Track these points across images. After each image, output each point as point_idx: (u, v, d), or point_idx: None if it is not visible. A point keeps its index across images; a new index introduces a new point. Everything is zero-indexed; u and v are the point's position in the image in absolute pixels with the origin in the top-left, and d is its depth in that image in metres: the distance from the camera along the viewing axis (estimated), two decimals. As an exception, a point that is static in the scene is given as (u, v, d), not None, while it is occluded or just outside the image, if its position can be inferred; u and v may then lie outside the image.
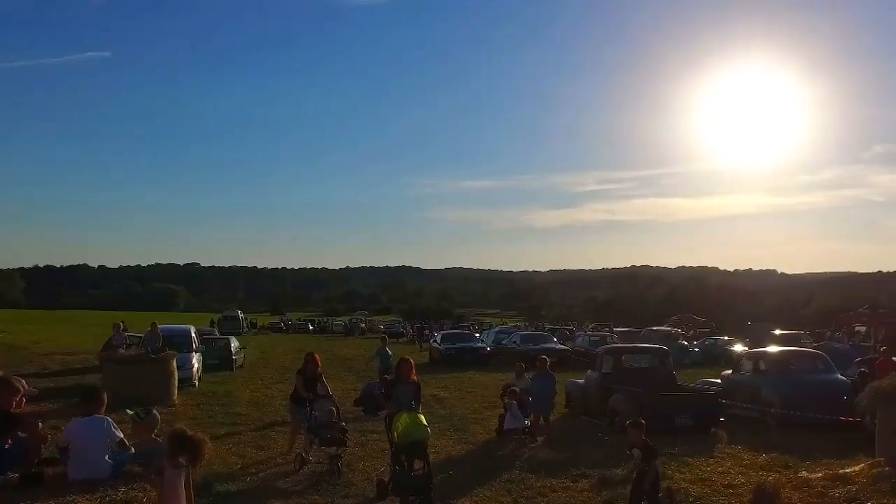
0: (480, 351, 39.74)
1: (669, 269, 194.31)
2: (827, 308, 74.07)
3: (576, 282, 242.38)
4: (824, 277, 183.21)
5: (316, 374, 13.73)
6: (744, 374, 20.11)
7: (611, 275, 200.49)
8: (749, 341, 37.81)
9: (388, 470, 11.31)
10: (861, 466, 11.32)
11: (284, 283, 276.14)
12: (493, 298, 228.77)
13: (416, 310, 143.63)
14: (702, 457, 13.80)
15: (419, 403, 11.91)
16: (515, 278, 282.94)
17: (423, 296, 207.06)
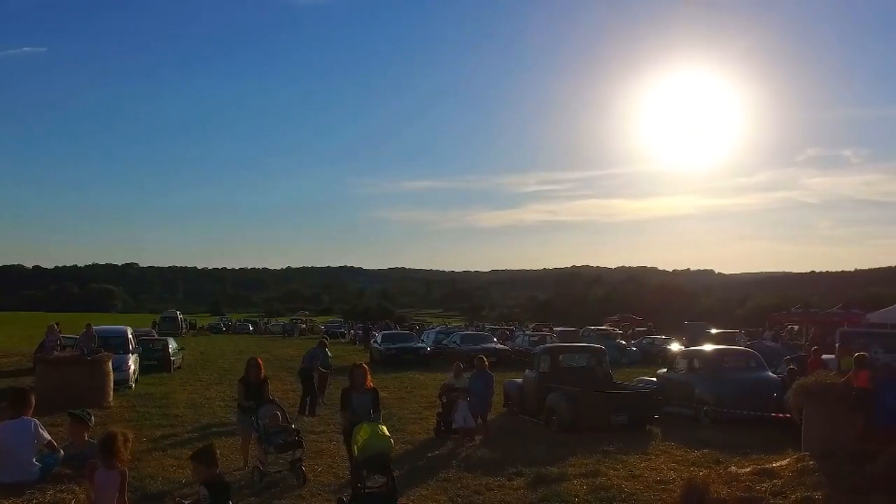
0: (421, 351, 39.76)
1: (610, 269, 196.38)
2: (762, 307, 75.40)
3: (517, 282, 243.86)
4: (759, 277, 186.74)
5: (260, 380, 12.92)
6: (679, 372, 20.43)
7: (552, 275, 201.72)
8: (685, 340, 38.37)
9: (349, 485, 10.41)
10: (788, 461, 11.64)
11: (225, 283, 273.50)
12: (436, 299, 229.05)
13: (358, 310, 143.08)
14: (636, 454, 13.99)
15: (379, 412, 10.80)
16: (457, 278, 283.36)
17: (365, 296, 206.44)
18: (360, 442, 9.51)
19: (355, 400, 10.81)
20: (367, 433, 9.51)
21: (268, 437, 11.78)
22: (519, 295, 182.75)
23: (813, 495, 9.68)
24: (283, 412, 12.40)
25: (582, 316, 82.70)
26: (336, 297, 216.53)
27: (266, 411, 12.12)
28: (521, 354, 35.63)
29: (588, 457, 13.54)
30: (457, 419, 15.63)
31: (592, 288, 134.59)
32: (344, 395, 11.06)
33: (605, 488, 11.16)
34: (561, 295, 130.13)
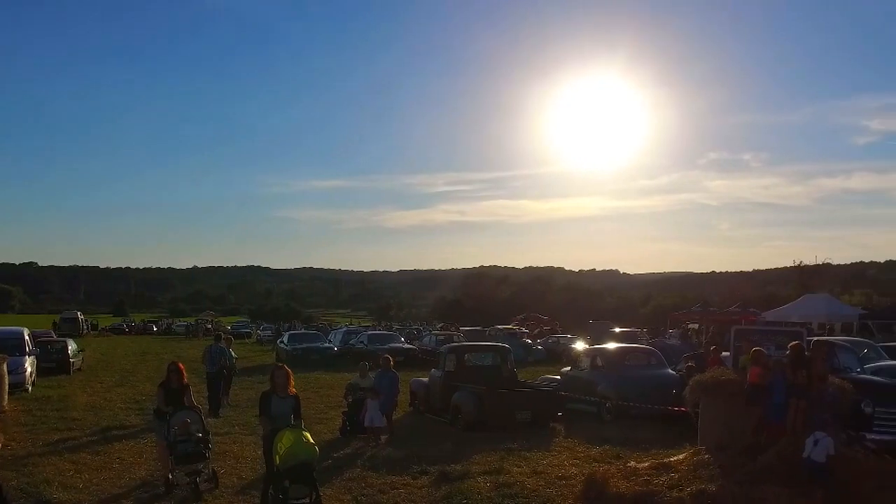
0: (328, 351, 39.56)
1: (517, 269, 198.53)
2: (664, 307, 77.06)
3: (426, 282, 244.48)
4: (662, 277, 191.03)
5: (182, 386, 12.04)
6: (582, 370, 20.76)
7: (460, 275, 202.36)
8: (590, 339, 39.03)
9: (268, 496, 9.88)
10: (684, 455, 11.92)
11: (128, 283, 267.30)
12: (344, 299, 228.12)
13: (265, 311, 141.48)
14: (539, 450, 14.21)
15: (300, 419, 10.02)
16: (366, 279, 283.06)
17: (273, 296, 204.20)
18: (282, 451, 8.91)
19: (276, 405, 9.95)
20: (289, 441, 8.92)
21: (173, 445, 11.08)
22: (427, 295, 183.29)
23: (707, 487, 9.95)
24: (199, 420, 11.54)
25: (489, 315, 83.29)
26: (243, 297, 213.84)
27: (178, 418, 11.32)
28: (428, 353, 35.73)
29: (492, 454, 13.69)
30: (366, 418, 15.63)
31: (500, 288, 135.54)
32: (263, 399, 10.14)
33: (508, 485, 11.31)
34: (469, 295, 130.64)
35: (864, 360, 18.60)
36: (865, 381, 14.86)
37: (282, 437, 9.05)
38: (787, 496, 9.55)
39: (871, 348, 21.87)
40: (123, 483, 11.88)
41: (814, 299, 42.19)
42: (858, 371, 16.40)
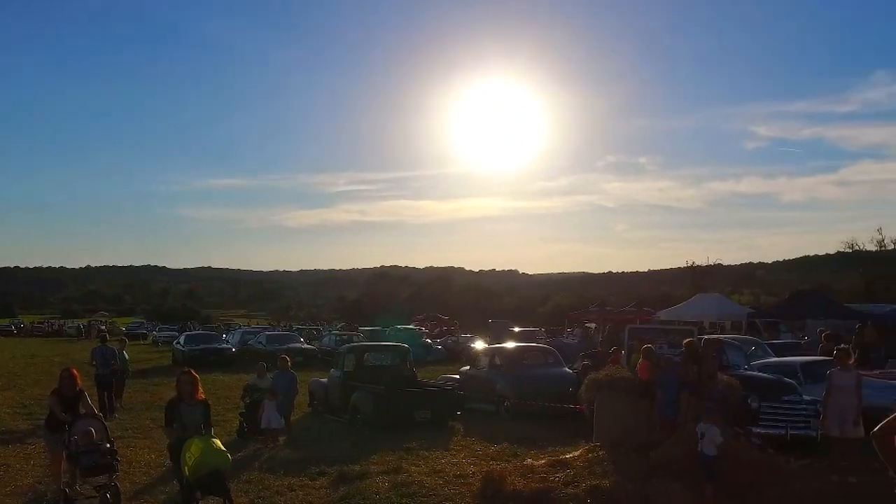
0: (226, 352, 38.93)
1: (418, 269, 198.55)
2: (562, 306, 78.16)
3: (327, 282, 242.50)
4: (560, 277, 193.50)
5: (76, 393, 11.17)
6: (481, 369, 20.92)
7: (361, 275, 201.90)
8: (489, 338, 39.35)
9: None
10: (580, 451, 12.16)
11: (17, 283, 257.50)
12: (243, 299, 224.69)
13: (162, 311, 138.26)
14: (438, 449, 14.25)
15: (210, 426, 9.49)
16: (266, 278, 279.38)
17: (170, 296, 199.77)
18: (191, 460, 8.49)
19: (184, 412, 9.40)
20: (198, 449, 8.51)
21: (76, 456, 10.01)
22: (328, 295, 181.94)
23: (601, 483, 10.18)
24: (104, 429, 10.57)
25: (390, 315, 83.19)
26: (139, 297, 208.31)
27: (79, 427, 10.26)
28: (328, 354, 35.49)
29: (391, 454, 13.68)
30: (263, 419, 15.43)
31: (401, 287, 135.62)
32: (170, 407, 9.60)
33: (407, 484, 11.32)
34: (370, 295, 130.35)
35: (751, 358, 19.29)
36: (752, 377, 15.41)
37: (190, 446, 8.62)
38: (678, 491, 9.84)
39: (758, 346, 22.68)
40: (9, 491, 11.48)
41: (705, 299, 43.39)
42: (746, 368, 16.98)
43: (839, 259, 74.51)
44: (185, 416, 9.37)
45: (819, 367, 15.47)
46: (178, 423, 9.33)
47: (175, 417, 9.42)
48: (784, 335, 34.20)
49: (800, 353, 22.46)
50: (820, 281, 74.04)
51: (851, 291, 58.09)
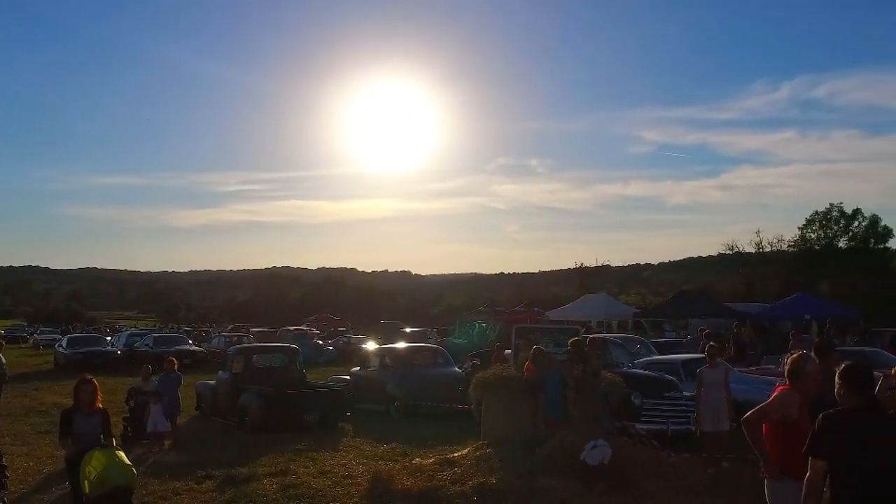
0: (111, 355, 37.86)
1: (310, 269, 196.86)
2: (453, 307, 78.79)
3: (217, 282, 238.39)
4: (452, 278, 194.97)
5: None
6: (371, 369, 20.93)
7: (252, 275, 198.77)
8: (380, 339, 39.34)
9: None
10: (468, 450, 12.30)
11: None
12: (131, 300, 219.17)
13: (44, 313, 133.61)
14: (327, 450, 14.22)
15: (111, 437, 8.68)
16: (154, 279, 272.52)
17: (53, 298, 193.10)
18: (92, 476, 7.67)
19: (80, 424, 8.75)
20: (100, 464, 7.70)
21: None
22: (218, 296, 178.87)
23: (488, 480, 10.33)
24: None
25: (281, 316, 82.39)
26: (20, 299, 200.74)
27: None
28: (217, 355, 34.93)
29: (279, 456, 13.58)
30: (149, 423, 15.11)
31: (292, 288, 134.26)
32: (65, 418, 8.94)
33: (295, 486, 11.26)
34: (260, 295, 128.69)
35: (635, 356, 19.82)
36: (635, 375, 15.83)
37: (90, 460, 7.78)
38: (562, 486, 10.05)
39: (642, 344, 23.32)
40: None
41: (593, 299, 44.33)
42: (629, 366, 17.43)
43: (721, 260, 76.96)
44: (81, 428, 8.75)
45: (699, 365, 15.95)
46: (74, 436, 8.72)
47: (70, 429, 8.80)
48: (668, 334, 35.27)
49: (682, 351, 23.14)
50: (703, 281, 76.35)
51: (732, 291, 60.21)
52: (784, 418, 6.01)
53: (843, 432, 4.87)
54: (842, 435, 4.86)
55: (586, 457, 10.51)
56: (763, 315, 36.53)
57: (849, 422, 4.92)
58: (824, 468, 4.92)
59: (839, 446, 4.85)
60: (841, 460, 4.83)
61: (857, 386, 5.05)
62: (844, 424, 4.91)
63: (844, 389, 5.08)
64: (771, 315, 36.39)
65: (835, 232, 61.82)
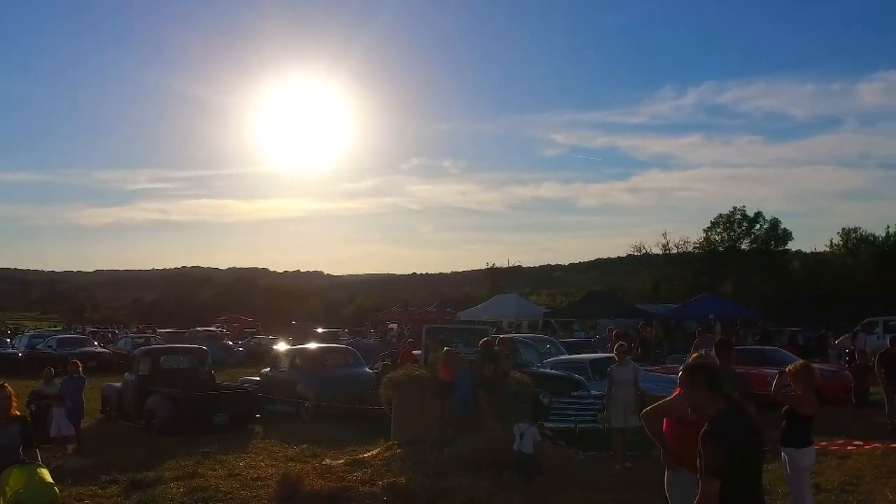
0: (11, 357, 36.74)
1: (220, 269, 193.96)
2: (366, 307, 78.74)
3: (124, 282, 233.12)
4: (365, 279, 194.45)
5: None
6: (282, 370, 20.79)
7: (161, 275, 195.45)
8: (292, 339, 39.13)
9: None
10: (378, 450, 12.35)
11: None
12: (34, 300, 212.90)
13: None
14: (236, 453, 14.07)
15: (33, 449, 7.69)
16: (58, 279, 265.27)
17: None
18: (10, 494, 6.91)
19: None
20: (19, 481, 6.94)
21: None
22: (125, 296, 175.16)
23: (398, 480, 10.40)
24: None
25: (191, 317, 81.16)
26: None
27: None
28: (124, 357, 34.22)
29: (187, 459, 13.39)
30: (52, 427, 14.74)
31: (202, 289, 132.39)
32: None
33: (203, 489, 11.14)
34: (169, 296, 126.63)
35: (544, 356, 20.11)
36: (544, 374, 16.09)
37: (9, 479, 6.99)
38: (471, 483, 10.18)
39: (552, 344, 23.65)
40: None
41: (504, 299, 44.81)
42: (538, 365, 17.69)
43: (629, 261, 78.57)
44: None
45: (606, 364, 16.29)
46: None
47: None
48: (578, 333, 35.89)
49: (591, 351, 23.58)
50: (612, 282, 77.89)
51: (640, 292, 61.56)
52: (683, 417, 6.21)
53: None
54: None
55: (521, 447, 10.74)
56: (669, 315, 37.48)
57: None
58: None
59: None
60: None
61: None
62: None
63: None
64: (677, 315, 37.36)
65: (738, 234, 63.63)
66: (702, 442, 4.67)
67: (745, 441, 4.71)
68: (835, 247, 62.52)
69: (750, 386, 8.64)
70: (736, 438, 4.65)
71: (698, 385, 4.93)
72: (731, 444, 4.60)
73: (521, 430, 10.89)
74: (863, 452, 13.42)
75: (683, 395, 5.08)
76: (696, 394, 4.93)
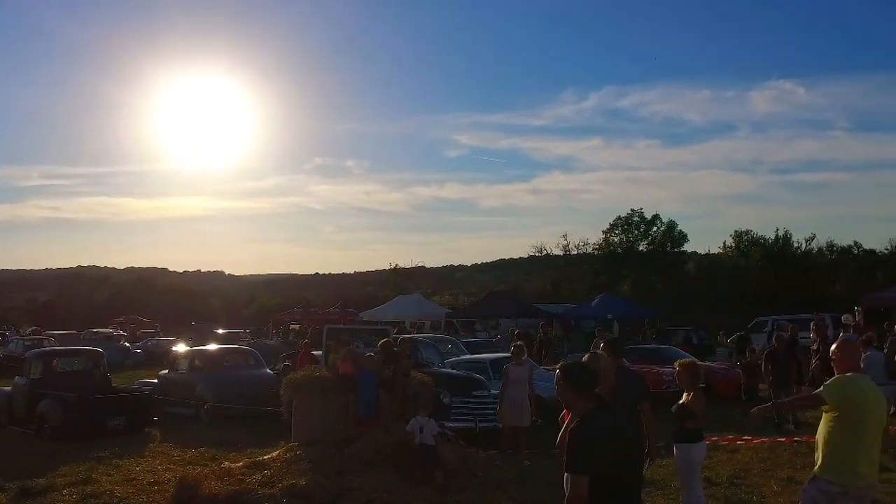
0: None
1: (118, 269, 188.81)
2: (268, 308, 77.89)
3: (16, 282, 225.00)
4: (267, 279, 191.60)
5: None
6: (180, 372, 20.49)
7: (55, 275, 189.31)
8: (192, 341, 38.53)
9: None
10: (278, 452, 12.27)
11: None
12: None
13: None
14: (132, 457, 13.81)
15: None
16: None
17: None
18: None
19: None
20: None
21: None
22: (17, 296, 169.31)
23: (298, 481, 10.35)
24: None
25: (86, 318, 78.98)
26: None
27: None
28: (14, 360, 33.16)
29: (81, 464, 13.08)
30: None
31: (99, 289, 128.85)
32: None
33: (97, 495, 10.94)
34: (64, 296, 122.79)
35: (446, 356, 20.28)
36: (444, 374, 16.25)
37: None
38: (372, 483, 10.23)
39: (453, 344, 23.85)
40: None
41: (406, 299, 44.94)
42: (439, 365, 17.84)
43: (531, 262, 79.53)
44: None
45: (507, 364, 16.59)
46: None
47: None
48: (480, 333, 36.17)
49: (492, 351, 23.85)
50: (514, 282, 78.68)
51: (541, 292, 62.36)
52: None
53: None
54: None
55: (422, 440, 10.83)
56: (569, 315, 38.17)
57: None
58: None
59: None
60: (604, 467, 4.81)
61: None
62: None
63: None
64: (576, 315, 38.07)
65: (636, 236, 65.08)
66: (569, 439, 4.77)
67: (611, 439, 4.77)
68: (727, 248, 64.30)
69: (646, 384, 8.86)
70: (602, 437, 4.73)
71: (568, 383, 5.02)
72: (597, 442, 4.69)
73: (421, 423, 11.00)
74: (751, 447, 13.94)
75: (558, 393, 5.15)
76: (567, 392, 5.01)
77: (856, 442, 6.20)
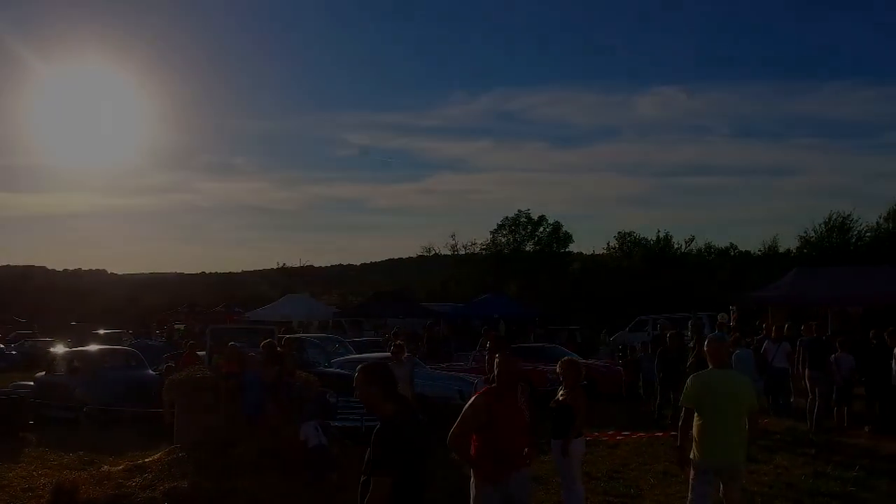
0: None
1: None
2: (152, 307, 76.15)
3: None
4: (153, 277, 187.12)
5: None
6: (58, 374, 19.94)
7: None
8: (71, 341, 37.38)
9: None
10: (159, 454, 12.08)
11: None
12: None
13: None
14: (6, 462, 13.38)
15: None
16: None
17: None
18: None
19: None
20: None
21: None
22: None
23: (180, 485, 10.24)
24: None
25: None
26: None
27: None
28: None
29: (-51, 471, 12.65)
30: None
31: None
32: None
33: None
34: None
35: (334, 355, 20.29)
36: (330, 374, 16.28)
37: None
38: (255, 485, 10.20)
39: (341, 344, 23.85)
40: None
41: (294, 299, 44.57)
42: (325, 365, 17.84)
43: (419, 261, 79.79)
44: None
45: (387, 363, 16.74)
46: None
47: None
48: (368, 333, 36.19)
49: (380, 350, 23.92)
50: (403, 282, 78.76)
51: (429, 292, 62.67)
52: (483, 426, 6.61)
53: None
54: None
55: (311, 442, 10.83)
56: (456, 314, 38.53)
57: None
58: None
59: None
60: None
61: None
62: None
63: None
64: (463, 314, 38.45)
65: (522, 237, 65.83)
66: (373, 441, 4.81)
67: (414, 440, 4.87)
68: (611, 249, 65.68)
69: (531, 382, 9.11)
70: (406, 437, 4.82)
71: (370, 385, 5.00)
72: (400, 442, 4.77)
73: (310, 426, 11.00)
74: (630, 441, 14.39)
75: (358, 395, 5.09)
76: (369, 394, 4.99)
77: (711, 424, 7.24)
